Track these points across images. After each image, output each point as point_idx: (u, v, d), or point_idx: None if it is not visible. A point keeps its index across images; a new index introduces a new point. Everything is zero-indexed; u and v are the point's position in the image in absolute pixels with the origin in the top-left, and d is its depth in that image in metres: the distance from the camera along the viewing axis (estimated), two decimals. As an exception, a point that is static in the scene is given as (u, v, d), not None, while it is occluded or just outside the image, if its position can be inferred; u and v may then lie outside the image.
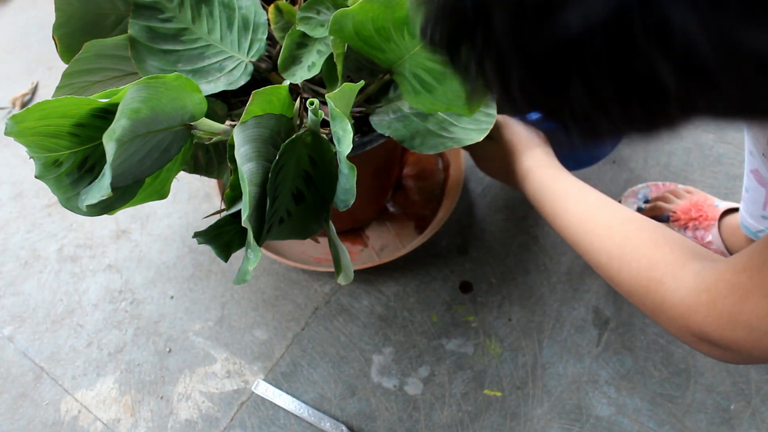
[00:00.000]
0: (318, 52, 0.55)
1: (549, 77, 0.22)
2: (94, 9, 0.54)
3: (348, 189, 0.48)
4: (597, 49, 0.20)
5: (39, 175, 0.45)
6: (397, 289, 0.78)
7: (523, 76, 0.22)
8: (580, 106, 0.22)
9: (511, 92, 0.23)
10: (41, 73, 0.99)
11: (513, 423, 0.69)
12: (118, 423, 0.71)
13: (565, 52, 0.20)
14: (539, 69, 0.22)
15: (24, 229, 0.85)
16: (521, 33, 0.21)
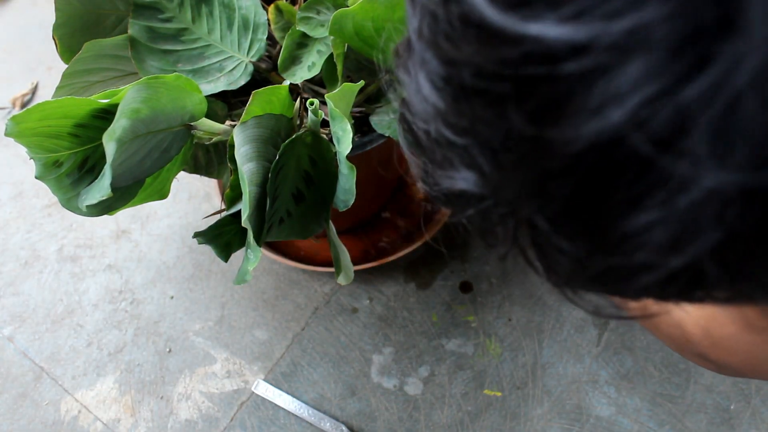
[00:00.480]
0: (318, 52, 0.55)
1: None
2: (94, 9, 0.54)
3: (348, 189, 0.48)
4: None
5: (39, 176, 0.45)
6: (397, 289, 0.78)
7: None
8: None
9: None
10: (41, 73, 0.99)
11: (513, 423, 0.69)
12: (118, 423, 0.71)
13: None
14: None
15: (24, 229, 0.85)
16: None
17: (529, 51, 0.16)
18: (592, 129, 0.16)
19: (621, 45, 0.15)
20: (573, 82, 0.16)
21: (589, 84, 0.15)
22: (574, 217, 0.18)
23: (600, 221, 0.18)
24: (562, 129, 0.16)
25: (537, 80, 0.16)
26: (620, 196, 0.17)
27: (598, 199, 0.17)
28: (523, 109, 0.17)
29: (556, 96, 0.16)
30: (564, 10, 0.15)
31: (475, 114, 0.18)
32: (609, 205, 0.17)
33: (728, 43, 0.14)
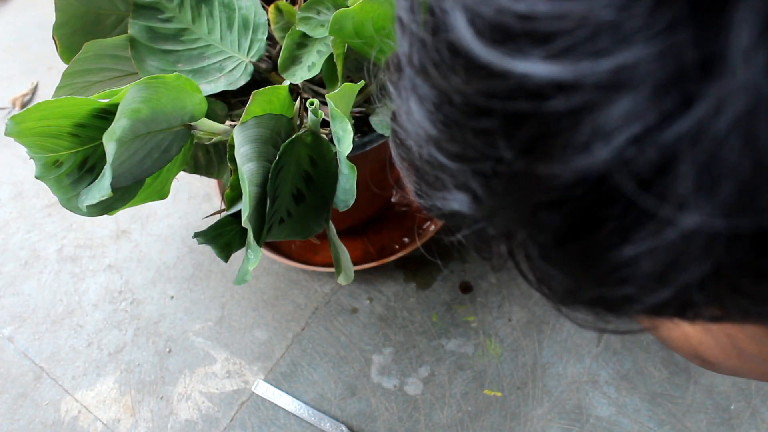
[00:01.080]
0: (318, 52, 0.55)
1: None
2: (94, 9, 0.54)
3: (348, 189, 0.48)
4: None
5: (39, 176, 0.45)
6: (397, 289, 0.78)
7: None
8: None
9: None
10: (41, 73, 0.99)
11: (513, 423, 0.69)
12: (118, 423, 0.71)
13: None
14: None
15: (24, 229, 0.85)
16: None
17: (515, 87, 0.16)
18: (579, 165, 0.16)
19: (607, 84, 0.15)
20: (560, 119, 0.16)
21: (576, 121, 0.16)
22: (564, 246, 0.19)
23: (588, 252, 0.18)
24: (549, 164, 0.17)
25: (524, 115, 0.17)
26: (607, 230, 0.17)
27: (585, 231, 0.18)
28: (511, 143, 0.17)
29: (543, 131, 0.16)
30: (550, 47, 0.15)
31: (466, 141, 0.19)
32: (596, 237, 0.17)
33: (711, 84, 0.14)
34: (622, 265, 0.17)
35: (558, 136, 0.16)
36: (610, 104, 0.15)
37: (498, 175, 0.18)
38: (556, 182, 0.17)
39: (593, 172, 0.16)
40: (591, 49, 0.15)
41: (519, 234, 0.20)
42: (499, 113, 0.17)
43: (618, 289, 0.18)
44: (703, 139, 0.14)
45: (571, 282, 0.20)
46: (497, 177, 0.19)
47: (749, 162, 0.14)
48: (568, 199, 0.17)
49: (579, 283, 0.20)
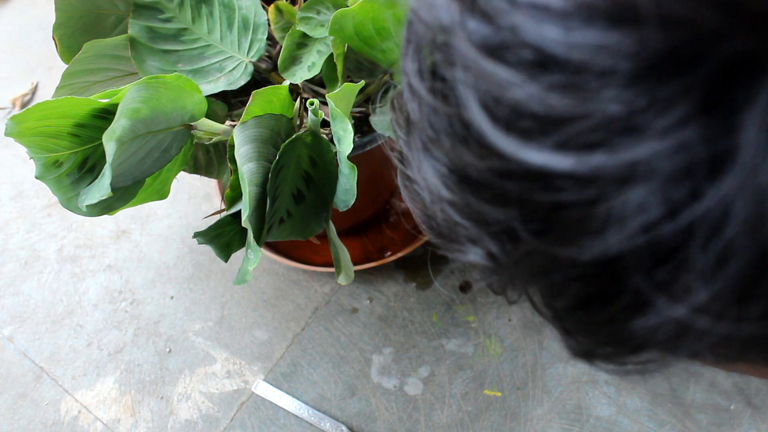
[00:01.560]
0: (318, 52, 0.55)
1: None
2: (94, 9, 0.54)
3: (348, 189, 0.48)
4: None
5: (39, 176, 0.45)
6: (397, 289, 0.78)
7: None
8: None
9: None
10: (41, 73, 0.99)
11: (513, 423, 0.69)
12: (118, 423, 0.71)
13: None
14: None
15: (24, 229, 0.85)
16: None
17: (530, 174, 0.17)
18: (593, 250, 0.17)
19: (620, 177, 0.15)
20: (575, 207, 0.16)
21: (590, 209, 0.16)
22: (578, 313, 0.20)
23: (603, 320, 0.19)
24: (565, 247, 0.17)
25: (539, 203, 0.17)
26: (620, 304, 0.18)
27: (599, 303, 0.18)
28: (526, 225, 0.18)
29: (558, 217, 0.17)
30: (565, 140, 0.16)
31: (482, 210, 0.19)
32: (610, 309, 0.18)
33: (720, 181, 0.15)
34: (635, 333, 0.18)
35: (573, 222, 0.17)
36: (623, 195, 0.15)
37: (513, 241, 0.19)
38: (571, 262, 0.17)
39: (607, 256, 0.16)
40: (605, 144, 0.15)
41: (534, 294, 0.21)
42: (514, 196, 0.18)
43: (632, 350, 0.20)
44: (710, 230, 0.15)
45: (587, 340, 0.21)
46: (513, 243, 0.19)
47: (753, 252, 0.15)
48: (583, 276, 0.18)
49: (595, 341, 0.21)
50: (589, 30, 0.15)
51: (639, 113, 0.15)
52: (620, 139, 0.15)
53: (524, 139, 0.16)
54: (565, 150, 0.16)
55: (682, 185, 0.15)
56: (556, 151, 0.16)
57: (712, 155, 0.15)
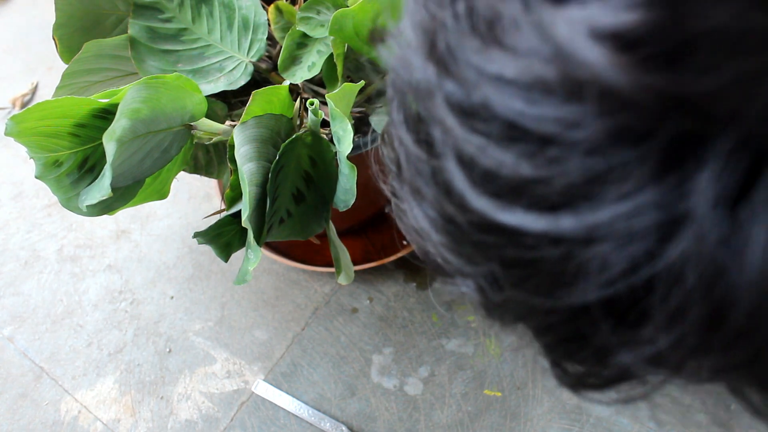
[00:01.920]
0: (318, 52, 0.55)
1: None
2: (94, 9, 0.54)
3: (348, 189, 0.48)
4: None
5: (39, 176, 0.45)
6: (397, 289, 0.78)
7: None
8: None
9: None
10: (41, 73, 0.99)
11: (513, 423, 0.69)
12: (118, 423, 0.71)
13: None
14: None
15: (24, 229, 0.85)
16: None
17: (505, 233, 0.18)
18: (566, 301, 0.18)
19: (584, 238, 0.17)
20: (547, 262, 0.18)
21: (561, 264, 0.18)
22: (561, 348, 0.22)
23: (582, 357, 0.21)
24: (539, 296, 0.19)
25: (515, 257, 0.19)
26: (595, 344, 0.20)
27: (577, 343, 0.20)
28: (505, 274, 0.20)
29: (532, 269, 0.19)
30: (534, 204, 0.17)
31: (469, 254, 0.21)
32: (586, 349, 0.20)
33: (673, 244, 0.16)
34: (612, 368, 0.20)
35: (546, 274, 0.18)
36: (588, 252, 0.17)
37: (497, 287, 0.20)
38: (547, 310, 0.19)
39: (578, 306, 0.18)
40: (570, 207, 0.17)
41: (523, 329, 0.22)
42: (492, 249, 0.19)
43: (612, 382, 0.21)
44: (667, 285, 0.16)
45: (575, 371, 0.23)
46: (497, 287, 0.21)
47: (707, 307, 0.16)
48: (560, 321, 0.20)
49: (581, 373, 0.22)
50: (548, 104, 0.16)
51: (598, 180, 0.16)
52: (583, 203, 0.17)
53: (498, 199, 0.18)
54: (535, 212, 0.17)
55: (641, 245, 0.16)
56: (526, 212, 0.17)
57: (667, 219, 0.16)
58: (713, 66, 0.14)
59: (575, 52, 0.15)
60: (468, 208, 0.18)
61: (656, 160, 0.16)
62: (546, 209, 0.17)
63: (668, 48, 0.14)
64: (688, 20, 0.14)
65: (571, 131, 0.16)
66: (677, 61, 0.14)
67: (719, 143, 0.15)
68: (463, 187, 0.18)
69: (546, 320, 0.20)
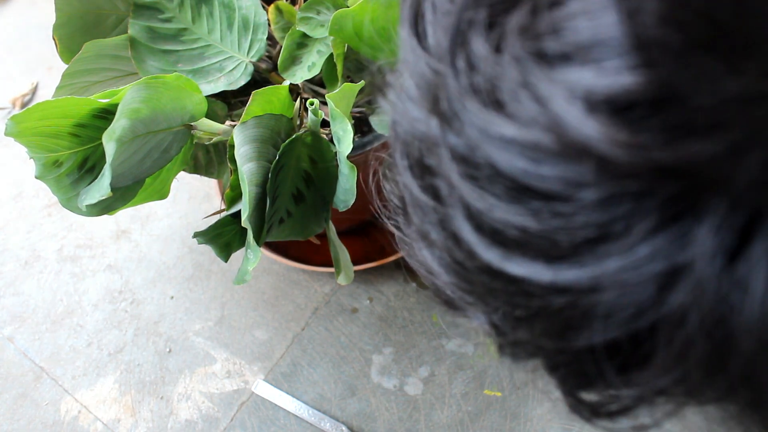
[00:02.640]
0: (318, 52, 0.55)
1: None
2: (94, 9, 0.54)
3: (348, 189, 0.48)
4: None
5: (39, 176, 0.45)
6: (397, 289, 0.78)
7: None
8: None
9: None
10: (41, 73, 0.99)
11: (513, 423, 0.69)
12: (118, 423, 0.71)
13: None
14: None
15: (24, 229, 0.85)
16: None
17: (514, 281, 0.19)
18: (574, 344, 0.19)
19: (591, 286, 0.17)
20: (555, 309, 0.19)
21: (569, 311, 0.18)
22: (574, 381, 0.23)
23: (595, 389, 0.22)
24: (548, 338, 0.20)
25: (523, 303, 0.19)
26: (606, 380, 0.20)
27: (588, 380, 0.21)
28: (515, 318, 0.20)
29: (540, 314, 0.19)
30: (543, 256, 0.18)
31: (481, 295, 0.21)
32: (600, 382, 0.21)
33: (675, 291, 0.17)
34: (626, 397, 0.21)
35: (554, 319, 0.19)
36: (595, 299, 0.18)
37: (508, 325, 0.21)
38: (556, 350, 0.20)
39: (585, 347, 0.19)
40: (576, 259, 0.17)
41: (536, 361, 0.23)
42: (501, 294, 0.20)
43: (623, 412, 0.23)
44: (670, 329, 0.17)
45: (590, 397, 0.23)
46: (509, 325, 0.21)
47: (709, 349, 0.17)
48: (569, 360, 0.20)
49: (596, 399, 0.23)
50: (551, 165, 0.17)
51: (602, 233, 0.17)
52: (588, 255, 0.17)
53: (506, 251, 0.18)
54: (541, 263, 0.18)
55: (644, 293, 0.17)
56: (532, 263, 0.18)
57: (669, 268, 0.16)
58: (705, 134, 0.15)
59: (571, 125, 0.15)
60: (476, 256, 0.19)
61: (657, 214, 0.16)
62: (552, 260, 0.18)
63: (661, 113, 0.15)
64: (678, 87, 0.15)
65: (574, 190, 0.17)
66: (670, 128, 0.15)
67: (715, 203, 0.16)
68: (471, 239, 0.19)
69: (555, 360, 0.21)
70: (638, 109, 0.15)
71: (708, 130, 0.15)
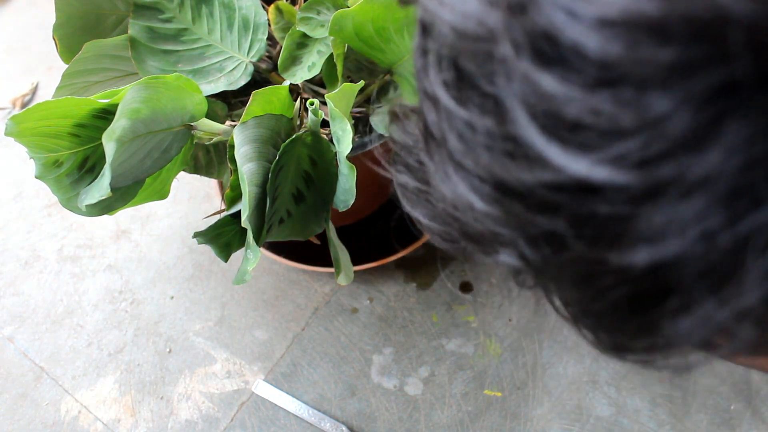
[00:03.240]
0: (318, 52, 0.55)
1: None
2: (94, 9, 0.54)
3: (348, 189, 0.48)
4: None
5: (39, 176, 0.45)
6: (397, 289, 0.78)
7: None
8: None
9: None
10: (41, 73, 0.99)
11: (513, 423, 0.69)
12: (118, 423, 0.71)
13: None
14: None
15: (24, 229, 0.85)
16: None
17: (586, 189, 0.16)
18: (649, 257, 0.16)
19: (684, 189, 0.15)
20: (633, 217, 0.16)
21: (648, 219, 0.16)
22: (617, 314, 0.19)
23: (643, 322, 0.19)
24: (619, 254, 0.17)
25: (594, 214, 0.17)
26: (666, 307, 0.18)
27: (643, 307, 0.18)
28: (578, 235, 0.17)
29: (613, 226, 0.17)
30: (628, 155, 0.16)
31: (522, 220, 0.18)
32: (654, 312, 0.18)
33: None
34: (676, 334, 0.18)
35: (629, 231, 0.16)
36: (684, 205, 0.15)
37: (555, 250, 0.18)
38: (621, 268, 0.17)
39: (663, 262, 0.16)
40: (668, 158, 0.15)
41: (569, 296, 0.20)
42: (565, 208, 0.17)
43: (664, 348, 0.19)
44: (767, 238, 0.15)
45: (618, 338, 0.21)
46: (554, 251, 0.19)
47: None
48: (631, 280, 0.18)
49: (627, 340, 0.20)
50: (658, 46, 0.14)
51: (704, 130, 0.15)
52: (684, 153, 0.15)
53: (582, 152, 0.16)
54: (627, 164, 0.16)
55: (744, 196, 0.15)
56: (616, 165, 0.16)
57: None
58: None
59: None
60: (541, 164, 0.17)
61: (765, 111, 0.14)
62: (639, 161, 0.16)
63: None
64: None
65: (680, 77, 0.14)
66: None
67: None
68: (539, 143, 0.16)
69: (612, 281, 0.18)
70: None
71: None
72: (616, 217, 0.16)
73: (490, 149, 0.18)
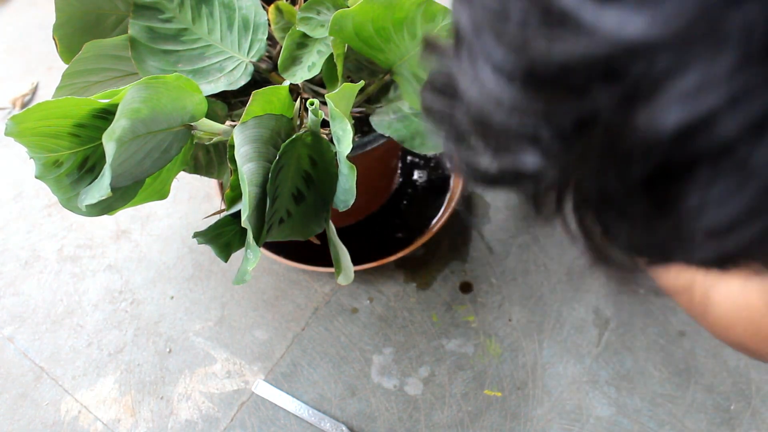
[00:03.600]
0: (318, 52, 0.55)
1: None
2: (94, 9, 0.54)
3: (348, 189, 0.48)
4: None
5: (39, 176, 0.45)
6: (397, 289, 0.78)
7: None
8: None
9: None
10: (41, 73, 0.99)
11: (513, 423, 0.69)
12: (118, 423, 0.71)
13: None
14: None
15: (24, 229, 0.85)
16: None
17: (617, 44, 0.16)
18: (682, 116, 0.16)
19: (719, 36, 0.15)
20: (668, 71, 0.16)
21: (682, 71, 0.16)
22: (639, 196, 0.19)
23: (665, 202, 0.18)
24: (648, 117, 0.16)
25: (630, 73, 0.16)
26: (695, 180, 0.17)
27: (669, 181, 0.18)
28: (610, 97, 0.17)
29: (648, 83, 0.16)
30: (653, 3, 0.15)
31: (550, 102, 0.18)
32: (680, 186, 0.17)
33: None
34: (698, 214, 0.17)
35: (661, 90, 0.16)
36: (719, 55, 0.15)
37: (581, 131, 0.18)
38: (655, 132, 0.17)
39: (696, 122, 0.16)
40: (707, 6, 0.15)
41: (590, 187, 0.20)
42: (599, 72, 0.17)
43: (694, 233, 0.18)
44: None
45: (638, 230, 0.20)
46: (580, 133, 0.18)
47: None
48: (660, 152, 0.17)
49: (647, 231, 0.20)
50: None
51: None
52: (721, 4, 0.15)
53: (616, 5, 0.16)
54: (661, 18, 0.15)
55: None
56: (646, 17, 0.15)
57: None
58: None
59: None
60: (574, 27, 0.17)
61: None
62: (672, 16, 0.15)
63: None
64: None
65: None
66: None
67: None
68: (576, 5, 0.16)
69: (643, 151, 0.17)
70: None
71: None
72: (648, 76, 0.16)
73: (524, 26, 0.18)
